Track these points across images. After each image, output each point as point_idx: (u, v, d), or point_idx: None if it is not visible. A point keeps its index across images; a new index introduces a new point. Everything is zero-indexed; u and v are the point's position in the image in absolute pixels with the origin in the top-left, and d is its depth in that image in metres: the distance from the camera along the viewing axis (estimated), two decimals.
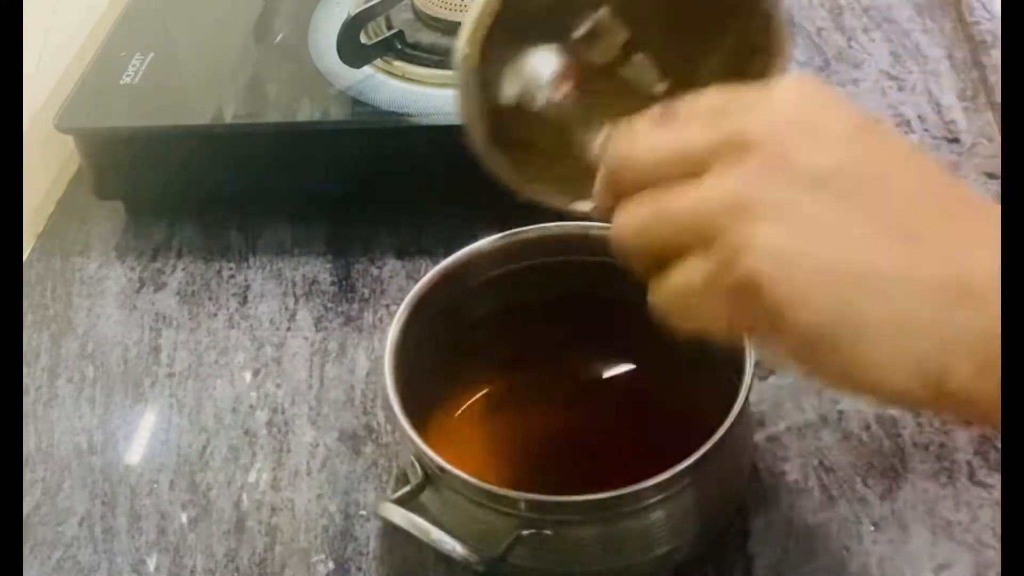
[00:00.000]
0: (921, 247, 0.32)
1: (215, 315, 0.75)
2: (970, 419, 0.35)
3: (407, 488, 0.53)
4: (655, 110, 0.38)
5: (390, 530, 0.58)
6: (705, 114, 0.36)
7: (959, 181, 0.36)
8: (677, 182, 0.35)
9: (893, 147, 0.35)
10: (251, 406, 0.68)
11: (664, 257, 0.35)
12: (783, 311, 0.32)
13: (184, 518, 0.63)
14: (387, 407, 0.64)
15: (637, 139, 0.37)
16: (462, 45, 0.43)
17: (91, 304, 0.77)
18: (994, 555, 0.55)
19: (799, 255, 0.32)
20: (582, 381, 0.64)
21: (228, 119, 0.76)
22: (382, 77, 0.75)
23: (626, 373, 0.63)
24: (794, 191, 0.33)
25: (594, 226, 0.58)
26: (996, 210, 0.34)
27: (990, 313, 0.31)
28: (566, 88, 0.46)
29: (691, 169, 0.34)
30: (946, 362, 0.31)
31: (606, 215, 0.38)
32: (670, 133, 0.36)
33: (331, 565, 0.60)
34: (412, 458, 0.54)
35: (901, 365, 0.32)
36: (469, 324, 0.62)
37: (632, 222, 0.36)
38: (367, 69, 0.75)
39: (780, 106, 0.35)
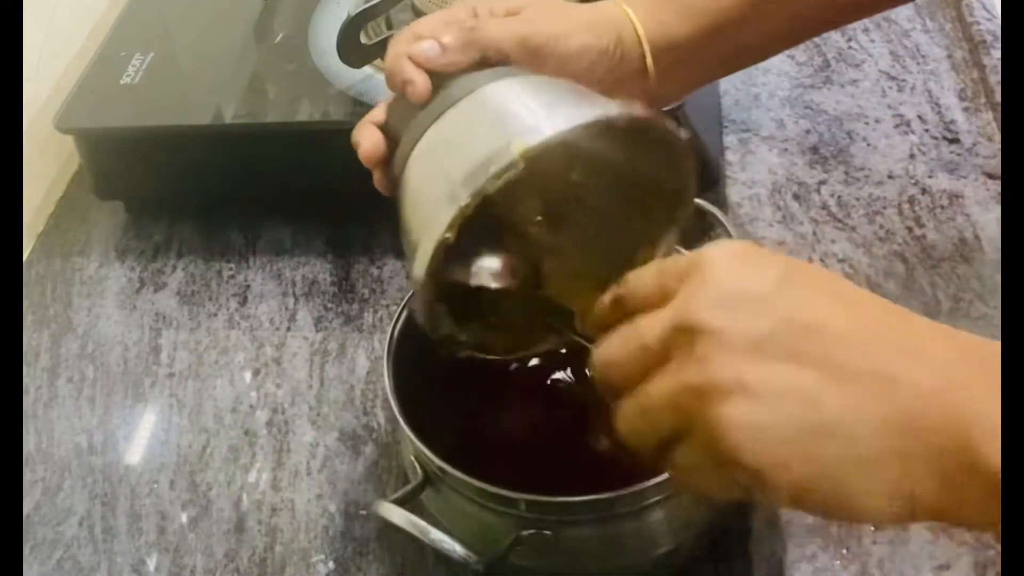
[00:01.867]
0: (863, 385, 0.35)
1: (215, 315, 0.75)
2: (954, 526, 0.38)
3: (407, 488, 0.53)
4: (606, 298, 0.42)
5: (390, 530, 0.58)
6: (649, 298, 0.39)
7: (880, 301, 0.38)
8: (651, 374, 0.38)
9: (819, 288, 0.38)
10: (251, 406, 0.68)
11: (662, 440, 0.38)
12: (763, 477, 0.35)
13: (184, 518, 0.63)
14: (387, 407, 0.64)
15: (606, 348, 0.40)
16: (417, 274, 0.45)
17: (91, 304, 0.77)
18: (994, 555, 0.55)
19: (763, 426, 0.35)
20: (583, 381, 0.64)
21: (228, 119, 0.76)
22: (382, 77, 0.75)
23: None
24: (742, 365, 0.35)
25: None
26: (924, 323, 0.37)
27: (942, 432, 0.34)
28: (508, 279, 0.51)
29: (655, 361, 0.38)
30: (913, 485, 0.34)
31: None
32: (628, 335, 0.39)
33: (331, 565, 0.60)
34: (412, 458, 0.54)
35: (877, 495, 0.35)
36: None
37: (626, 420, 0.39)
38: (367, 69, 0.75)
39: (711, 283, 0.37)
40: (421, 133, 0.47)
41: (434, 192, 0.44)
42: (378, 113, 0.52)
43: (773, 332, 0.36)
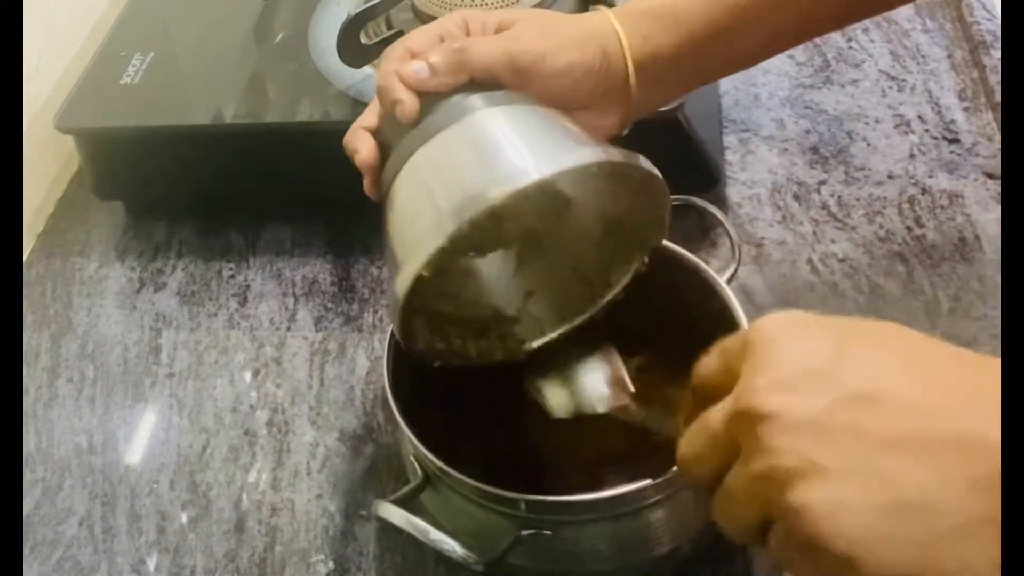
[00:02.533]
0: (938, 452, 0.33)
1: (215, 315, 0.75)
2: None
3: (407, 488, 0.53)
4: (687, 408, 0.42)
5: (390, 530, 0.58)
6: (718, 383, 0.39)
7: (943, 349, 0.37)
8: (725, 464, 0.38)
9: (879, 351, 0.36)
10: (251, 406, 0.68)
11: (755, 528, 0.38)
12: (852, 560, 0.34)
13: (184, 518, 0.63)
14: (387, 407, 0.64)
15: (684, 445, 0.40)
16: (393, 301, 0.47)
17: (91, 304, 0.77)
18: None
19: (840, 506, 0.34)
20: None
21: (228, 119, 0.76)
22: None
23: (627, 373, 0.63)
24: (805, 446, 0.35)
25: None
26: (993, 367, 0.35)
27: None
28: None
29: (728, 451, 0.37)
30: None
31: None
32: (698, 429, 0.39)
33: (331, 565, 0.60)
34: (412, 458, 0.54)
35: (978, 565, 0.33)
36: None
37: (719, 512, 0.39)
38: (367, 69, 0.75)
39: (765, 364, 0.37)
40: (409, 154, 0.49)
41: (417, 221, 0.47)
42: (370, 118, 0.53)
43: (832, 408, 0.35)
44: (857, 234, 0.73)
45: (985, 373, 0.35)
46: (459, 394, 0.62)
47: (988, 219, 0.72)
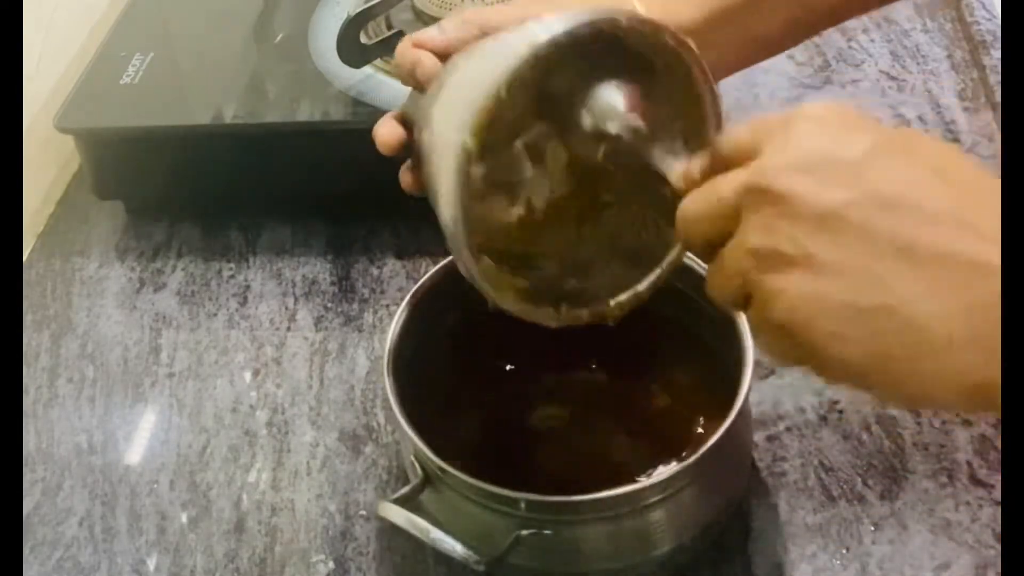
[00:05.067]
0: (944, 269, 0.33)
1: (215, 315, 0.75)
2: None
3: (407, 488, 0.53)
4: (703, 156, 0.40)
5: (390, 530, 0.58)
6: (739, 154, 0.38)
7: (983, 175, 0.36)
8: (724, 232, 0.37)
9: (920, 162, 0.35)
10: (251, 406, 0.68)
11: (740, 300, 0.38)
12: (819, 350, 0.34)
13: (184, 518, 0.63)
14: (387, 407, 0.64)
15: (686, 203, 0.39)
16: (465, 139, 0.44)
17: (91, 304, 0.77)
18: (994, 555, 0.55)
19: (819, 297, 0.34)
20: (582, 381, 0.64)
21: (228, 119, 0.76)
22: (382, 77, 0.75)
23: (627, 373, 0.63)
24: (809, 235, 0.34)
25: None
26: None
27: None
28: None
29: (729, 221, 0.37)
30: (990, 375, 0.32)
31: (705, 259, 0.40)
32: (707, 192, 0.38)
33: (331, 565, 0.60)
34: (412, 458, 0.54)
35: (948, 383, 0.33)
36: (469, 324, 0.62)
37: (710, 281, 0.39)
38: (367, 69, 0.75)
39: (795, 145, 0.36)
40: (440, 87, 0.47)
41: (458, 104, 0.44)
42: (397, 112, 0.53)
43: (849, 203, 0.34)
44: None
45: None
46: (459, 394, 0.62)
47: None
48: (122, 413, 0.70)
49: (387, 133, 0.51)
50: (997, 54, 0.83)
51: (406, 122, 0.52)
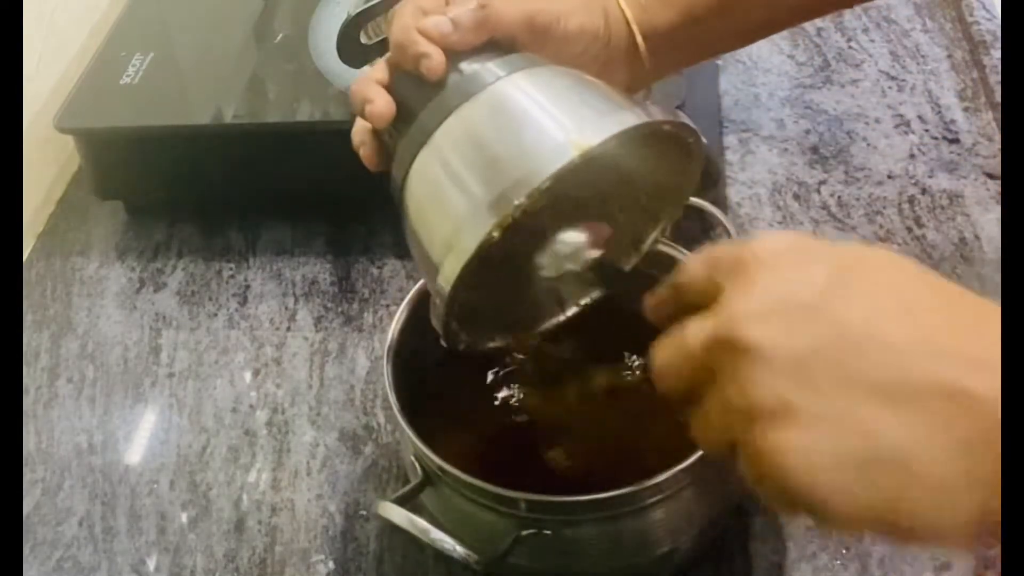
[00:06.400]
0: (926, 406, 0.32)
1: (215, 315, 0.75)
2: None
3: (407, 488, 0.53)
4: (659, 295, 0.41)
5: (390, 530, 0.58)
6: (700, 292, 0.37)
7: (948, 294, 0.35)
8: (700, 383, 0.36)
9: (875, 288, 0.34)
10: (251, 406, 0.68)
11: (729, 451, 0.36)
12: (819, 506, 0.33)
13: (184, 518, 0.63)
14: (387, 407, 0.64)
15: (658, 356, 0.38)
16: (442, 288, 0.44)
17: (91, 304, 0.77)
18: (994, 555, 0.55)
19: (814, 452, 0.33)
20: (582, 381, 0.64)
21: (228, 119, 0.76)
22: None
23: (627, 373, 0.63)
24: (785, 387, 0.33)
25: None
26: (994, 310, 0.33)
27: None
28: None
29: (703, 373, 0.36)
30: (992, 506, 0.32)
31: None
32: (676, 344, 0.37)
33: (331, 565, 0.60)
34: (412, 458, 0.54)
35: (953, 522, 0.32)
36: None
37: (696, 433, 0.38)
38: (367, 69, 0.75)
39: (753, 288, 0.35)
40: (436, 124, 0.45)
41: (457, 206, 0.44)
42: (380, 73, 0.50)
43: (818, 349, 0.33)
44: (857, 234, 0.73)
45: (985, 322, 0.34)
46: (459, 394, 0.62)
47: (988, 219, 0.72)
48: (122, 413, 0.70)
49: (384, 105, 0.48)
50: (997, 54, 0.83)
51: (392, 95, 0.50)
